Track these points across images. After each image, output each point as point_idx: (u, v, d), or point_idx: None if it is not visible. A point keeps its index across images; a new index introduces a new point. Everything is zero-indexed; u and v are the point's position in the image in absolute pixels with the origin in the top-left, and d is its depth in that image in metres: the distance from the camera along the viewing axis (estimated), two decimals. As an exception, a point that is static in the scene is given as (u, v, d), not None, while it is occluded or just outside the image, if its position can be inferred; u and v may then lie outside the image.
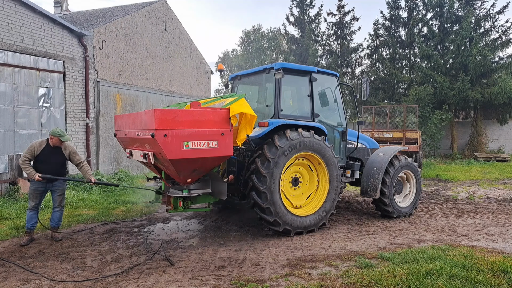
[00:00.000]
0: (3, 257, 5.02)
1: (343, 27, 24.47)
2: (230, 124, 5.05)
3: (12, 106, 9.02)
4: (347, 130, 7.20)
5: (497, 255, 4.73)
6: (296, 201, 6.19)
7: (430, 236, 6.06)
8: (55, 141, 5.66)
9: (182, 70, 16.49)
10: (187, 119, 4.74)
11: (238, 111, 5.19)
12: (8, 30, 8.92)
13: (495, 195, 9.50)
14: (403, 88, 22.46)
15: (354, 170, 7.31)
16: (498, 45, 19.07)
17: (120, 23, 12.66)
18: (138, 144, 5.34)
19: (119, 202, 8.60)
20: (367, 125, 17.45)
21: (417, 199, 7.58)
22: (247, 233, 6.27)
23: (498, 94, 17.82)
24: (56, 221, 5.93)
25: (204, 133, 4.86)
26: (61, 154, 5.79)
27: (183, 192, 5.26)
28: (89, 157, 10.98)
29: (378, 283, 3.91)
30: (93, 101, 11.39)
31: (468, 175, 13.31)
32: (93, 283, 4.19)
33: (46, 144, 5.68)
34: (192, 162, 4.89)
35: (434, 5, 20.43)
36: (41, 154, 5.62)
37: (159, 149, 4.62)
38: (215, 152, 4.96)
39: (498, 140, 20.18)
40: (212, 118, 4.93)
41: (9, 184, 8.84)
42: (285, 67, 6.25)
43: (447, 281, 3.89)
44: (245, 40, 46.73)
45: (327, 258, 4.82)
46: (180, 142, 4.70)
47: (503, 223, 6.92)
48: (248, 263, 4.72)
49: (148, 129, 4.65)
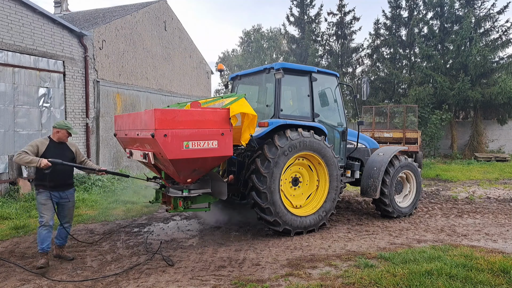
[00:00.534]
0: (3, 257, 5.03)
1: (344, 27, 24.46)
2: (230, 124, 5.04)
3: (12, 106, 9.02)
4: (347, 130, 7.20)
5: (497, 255, 4.73)
6: (296, 201, 6.19)
7: (430, 236, 6.06)
8: (62, 135, 4.95)
9: (182, 70, 16.49)
10: (187, 119, 4.74)
11: (238, 111, 5.18)
12: (8, 30, 8.92)
13: (495, 195, 9.50)
14: (403, 88, 22.47)
15: (354, 170, 7.31)
16: (498, 45, 19.09)
17: (120, 23, 12.66)
18: (138, 144, 5.33)
19: (119, 202, 8.60)
20: (367, 125, 17.45)
21: (417, 199, 7.58)
22: (247, 233, 6.27)
23: (498, 94, 17.83)
24: (64, 238, 5.11)
25: (204, 133, 4.85)
26: (69, 150, 5.09)
27: (183, 192, 5.25)
28: (89, 157, 10.98)
29: (378, 283, 3.91)
30: (93, 101, 11.39)
31: (468, 175, 13.32)
32: (93, 283, 4.19)
33: (50, 141, 4.92)
34: (192, 162, 4.89)
35: (435, 5, 20.44)
36: (47, 152, 4.78)
37: (159, 149, 4.62)
38: (215, 152, 4.95)
39: (498, 140, 20.18)
40: (212, 118, 4.93)
41: (9, 184, 8.84)
42: (285, 67, 6.24)
43: (447, 281, 3.89)
44: (245, 40, 46.72)
45: (327, 258, 4.82)
46: (180, 142, 4.69)
47: (503, 223, 6.92)
48: (248, 263, 4.72)
49: (148, 129, 4.65)
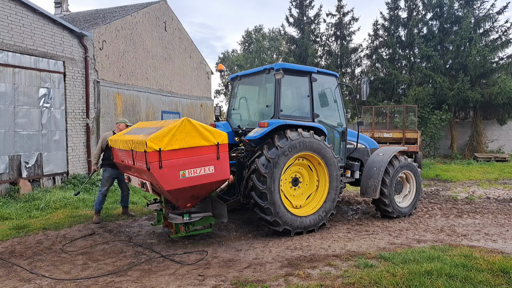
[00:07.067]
0: (3, 257, 5.03)
1: (343, 28, 24.48)
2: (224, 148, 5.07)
3: (12, 107, 9.02)
4: (347, 130, 7.21)
5: (497, 255, 4.74)
6: (296, 201, 6.19)
7: (429, 236, 6.07)
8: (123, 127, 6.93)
9: (182, 71, 16.50)
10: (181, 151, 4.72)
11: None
12: (9, 30, 8.93)
13: (495, 195, 9.51)
14: (403, 88, 22.47)
15: (354, 170, 7.32)
16: (498, 45, 19.10)
17: (120, 23, 12.67)
18: (135, 172, 5.33)
19: (119, 202, 8.60)
20: (367, 125, 17.46)
21: (417, 199, 7.59)
22: (247, 233, 6.28)
23: (497, 94, 17.85)
24: (127, 202, 7.48)
25: (200, 159, 4.82)
26: None
27: (183, 217, 5.22)
28: (89, 157, 10.97)
29: (378, 283, 3.91)
30: (93, 101, 11.39)
31: (467, 175, 13.33)
32: (93, 282, 4.19)
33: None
34: (190, 190, 4.88)
35: (434, 6, 20.44)
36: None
37: (156, 181, 4.62)
38: (212, 178, 4.96)
39: (497, 140, 20.20)
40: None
41: (10, 184, 8.84)
42: (285, 68, 6.25)
43: (446, 281, 3.90)
44: (246, 40, 46.75)
45: (327, 258, 4.82)
46: (177, 171, 4.66)
47: (503, 223, 6.93)
48: (248, 263, 4.73)
49: (143, 161, 4.65)
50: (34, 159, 9.48)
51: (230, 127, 6.96)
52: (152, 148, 4.53)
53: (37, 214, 7.46)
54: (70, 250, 5.34)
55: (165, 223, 5.92)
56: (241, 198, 6.15)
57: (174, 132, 4.68)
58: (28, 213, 7.51)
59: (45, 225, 6.64)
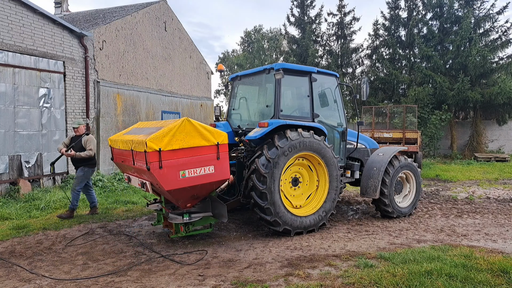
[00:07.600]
0: (3, 257, 5.03)
1: (344, 28, 24.48)
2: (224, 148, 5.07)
3: (12, 107, 9.03)
4: (347, 130, 7.20)
5: (497, 255, 4.74)
6: (296, 201, 6.19)
7: (429, 236, 6.07)
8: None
9: (182, 71, 16.50)
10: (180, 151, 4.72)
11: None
12: (9, 30, 8.93)
13: (495, 195, 9.51)
14: (403, 88, 22.48)
15: (354, 170, 7.32)
16: (498, 45, 19.11)
17: (120, 23, 12.67)
18: (135, 172, 5.33)
19: (119, 202, 8.61)
20: (366, 126, 17.46)
21: (417, 199, 7.59)
22: (247, 233, 6.28)
23: (497, 94, 17.85)
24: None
25: (199, 159, 4.81)
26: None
27: (183, 217, 5.22)
28: (89, 157, 10.97)
29: (378, 283, 3.91)
30: (93, 102, 11.39)
31: (467, 175, 13.33)
32: (93, 282, 4.19)
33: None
34: (190, 190, 4.88)
35: (434, 6, 20.45)
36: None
37: (156, 181, 4.62)
38: (212, 178, 4.95)
39: (497, 140, 20.20)
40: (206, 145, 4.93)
41: (9, 184, 8.84)
42: (285, 68, 6.25)
43: (446, 281, 3.90)
44: (245, 40, 46.76)
45: (327, 258, 4.82)
46: (177, 172, 4.66)
47: (503, 223, 6.93)
48: (248, 263, 4.73)
49: (143, 161, 4.65)
50: (34, 159, 9.49)
51: (230, 127, 6.96)
52: (152, 148, 4.53)
53: (37, 214, 7.47)
54: (70, 250, 5.34)
55: (165, 223, 5.93)
56: (241, 198, 6.14)
57: (174, 132, 4.69)
58: (28, 213, 7.51)
59: (45, 225, 6.64)
